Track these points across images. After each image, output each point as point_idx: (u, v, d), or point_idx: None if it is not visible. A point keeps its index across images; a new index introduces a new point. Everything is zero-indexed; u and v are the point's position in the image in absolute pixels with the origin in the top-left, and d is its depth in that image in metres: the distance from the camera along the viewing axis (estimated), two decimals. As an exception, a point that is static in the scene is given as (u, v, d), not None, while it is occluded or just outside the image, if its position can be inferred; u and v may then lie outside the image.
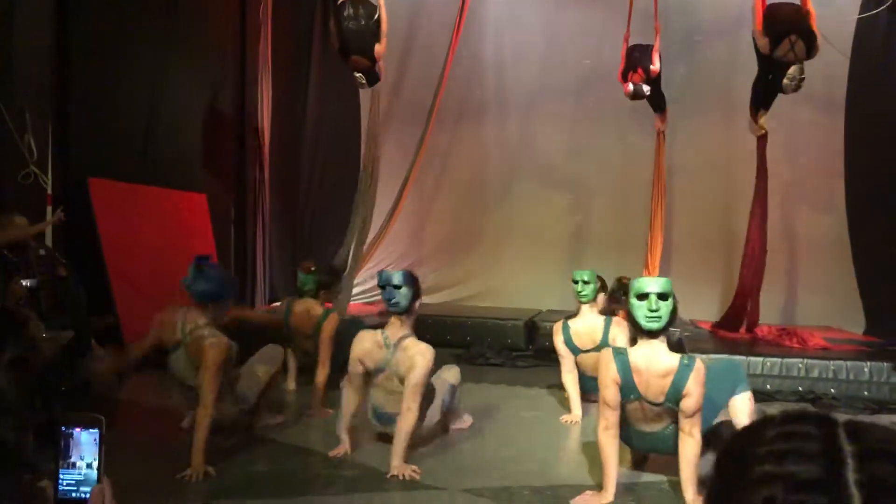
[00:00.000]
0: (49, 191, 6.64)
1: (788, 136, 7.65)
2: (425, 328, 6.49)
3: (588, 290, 4.97)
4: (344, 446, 4.00)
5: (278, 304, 6.87)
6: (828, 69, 7.80)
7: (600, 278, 5.30)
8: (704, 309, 8.40)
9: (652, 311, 3.19)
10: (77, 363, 5.15)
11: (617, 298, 5.56)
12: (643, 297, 3.23)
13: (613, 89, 8.24)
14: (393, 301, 3.90)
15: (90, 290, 5.99)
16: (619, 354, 3.35)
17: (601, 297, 5.30)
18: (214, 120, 8.79)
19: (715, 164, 9.27)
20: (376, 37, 7.29)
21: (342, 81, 9.50)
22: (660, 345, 3.31)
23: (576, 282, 5.03)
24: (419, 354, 3.82)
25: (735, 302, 7.54)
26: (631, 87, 7.50)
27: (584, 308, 5.01)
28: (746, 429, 0.73)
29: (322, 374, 5.10)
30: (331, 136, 10.16)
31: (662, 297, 3.23)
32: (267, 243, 9.25)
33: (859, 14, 8.18)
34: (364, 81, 7.60)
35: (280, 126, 9.54)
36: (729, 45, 8.77)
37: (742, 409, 3.75)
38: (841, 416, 0.68)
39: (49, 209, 6.66)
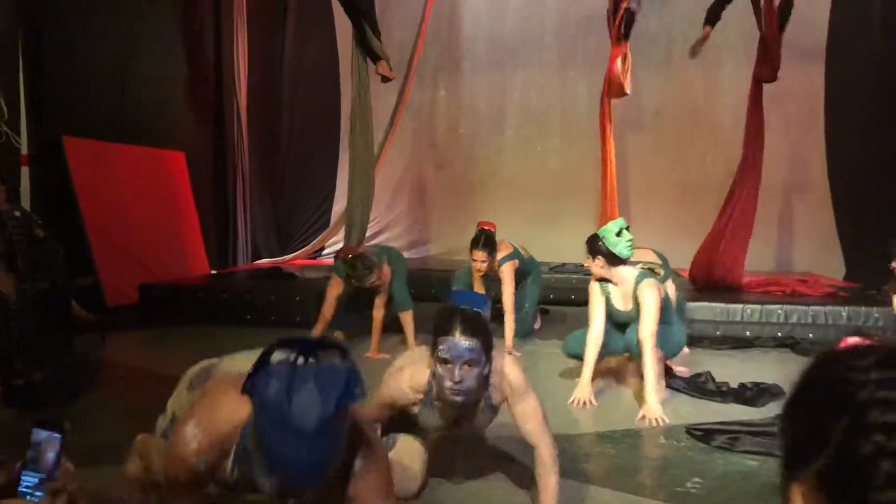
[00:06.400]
0: (24, 151, 6.54)
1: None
2: (409, 283, 6.52)
3: None
4: None
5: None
6: (808, 16, 7.73)
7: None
8: (681, 256, 8.45)
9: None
10: (57, 325, 5.12)
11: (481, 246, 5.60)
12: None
13: (593, 37, 8.15)
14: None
15: (69, 251, 5.92)
16: None
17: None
18: (190, 74, 8.65)
19: (695, 110, 9.26)
20: None
21: (319, 32, 9.34)
22: None
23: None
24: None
25: (704, 257, 6.94)
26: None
27: None
28: (834, 356, 0.75)
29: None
30: (309, 88, 10.03)
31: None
32: (247, 200, 9.18)
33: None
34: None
35: (257, 79, 9.39)
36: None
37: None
38: None
39: (25, 169, 6.57)
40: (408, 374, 2.71)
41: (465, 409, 2.68)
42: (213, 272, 8.51)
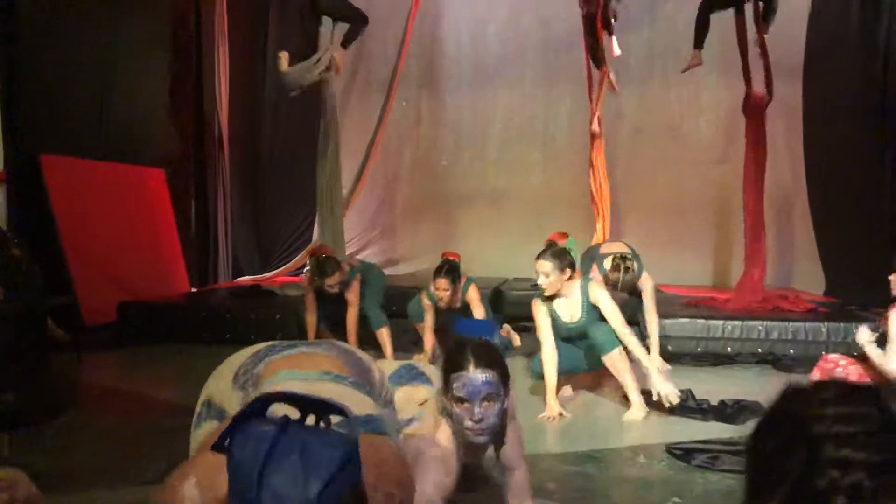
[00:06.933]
0: (0, 168, 6.48)
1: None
2: (393, 300, 6.50)
3: None
4: None
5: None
6: (786, 35, 7.81)
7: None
8: (670, 273, 8.50)
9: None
10: (32, 346, 5.05)
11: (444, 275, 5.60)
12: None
13: (574, 53, 8.21)
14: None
15: (46, 271, 5.86)
16: None
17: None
18: (170, 91, 8.61)
19: (674, 126, 9.34)
20: None
21: (302, 48, 9.31)
22: None
23: None
24: None
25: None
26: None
27: None
28: (796, 391, 0.76)
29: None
30: (291, 104, 10.00)
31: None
32: (229, 217, 9.12)
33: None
34: None
35: (238, 95, 9.36)
36: (690, 5, 8.73)
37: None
38: (882, 390, 0.71)
39: (1, 188, 6.50)
40: (437, 445, 2.28)
41: (480, 452, 2.42)
42: (194, 290, 8.44)
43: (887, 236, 7.57)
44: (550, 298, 4.43)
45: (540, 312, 4.41)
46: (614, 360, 4.28)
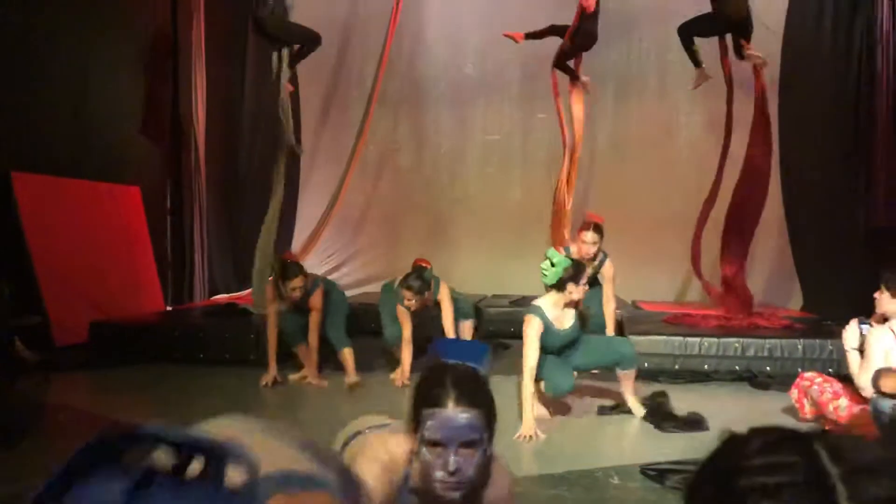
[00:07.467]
0: (-31, 187, 6.38)
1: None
2: (370, 317, 6.45)
3: None
4: None
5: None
6: (761, 48, 7.87)
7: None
8: (646, 290, 8.51)
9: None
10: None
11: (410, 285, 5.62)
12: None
13: (550, 70, 8.24)
14: None
15: (16, 289, 5.75)
16: None
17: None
18: (146, 108, 8.54)
19: (653, 144, 9.36)
20: None
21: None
22: None
23: None
24: None
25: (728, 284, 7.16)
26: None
27: None
28: (732, 440, 0.73)
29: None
30: (269, 123, 9.95)
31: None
32: (204, 235, 9.03)
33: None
34: None
35: (215, 113, 9.29)
36: (664, 26, 8.80)
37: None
38: (816, 438, 0.68)
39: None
40: (384, 457, 1.86)
41: None
42: (169, 309, 8.34)
43: (863, 251, 7.61)
44: (545, 309, 4.47)
45: (532, 329, 4.42)
46: (630, 376, 4.73)
